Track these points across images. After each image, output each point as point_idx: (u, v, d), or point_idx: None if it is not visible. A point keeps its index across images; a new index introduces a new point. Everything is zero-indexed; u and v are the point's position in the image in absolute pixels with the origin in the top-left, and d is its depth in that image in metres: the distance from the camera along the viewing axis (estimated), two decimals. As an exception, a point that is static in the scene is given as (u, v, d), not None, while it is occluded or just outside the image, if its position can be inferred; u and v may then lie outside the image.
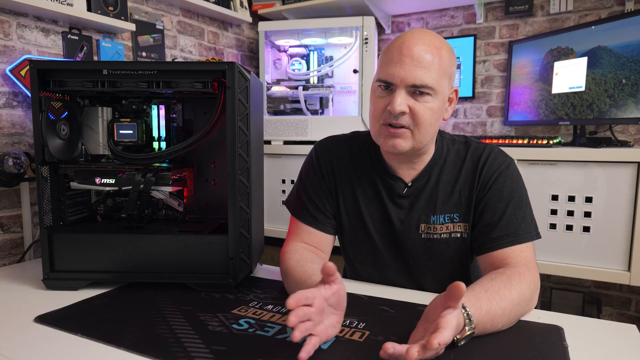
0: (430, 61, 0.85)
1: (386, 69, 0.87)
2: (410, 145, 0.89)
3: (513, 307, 0.77)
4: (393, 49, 0.87)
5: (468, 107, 2.31)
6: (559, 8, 2.04)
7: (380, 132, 0.91)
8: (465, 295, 0.72)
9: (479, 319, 0.72)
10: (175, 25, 2.05)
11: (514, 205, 0.92)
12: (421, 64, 0.84)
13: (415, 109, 0.86)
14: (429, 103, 0.87)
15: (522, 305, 0.80)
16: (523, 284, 0.81)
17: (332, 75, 2.29)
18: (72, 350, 0.73)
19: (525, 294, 0.80)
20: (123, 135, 1.10)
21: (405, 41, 0.86)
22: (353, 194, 1.02)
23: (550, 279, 2.12)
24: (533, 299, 0.84)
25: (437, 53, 0.86)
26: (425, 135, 0.89)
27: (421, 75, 0.84)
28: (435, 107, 0.88)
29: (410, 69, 0.84)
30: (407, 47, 0.85)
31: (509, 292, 0.78)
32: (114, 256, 1.01)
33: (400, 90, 0.85)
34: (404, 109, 0.85)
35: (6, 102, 1.40)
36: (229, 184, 0.98)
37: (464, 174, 0.96)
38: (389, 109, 0.86)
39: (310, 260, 0.92)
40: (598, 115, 1.73)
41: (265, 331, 0.78)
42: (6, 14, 1.39)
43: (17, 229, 1.43)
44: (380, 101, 0.89)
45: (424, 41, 0.86)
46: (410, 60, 0.84)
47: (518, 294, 0.79)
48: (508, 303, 0.77)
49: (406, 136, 0.88)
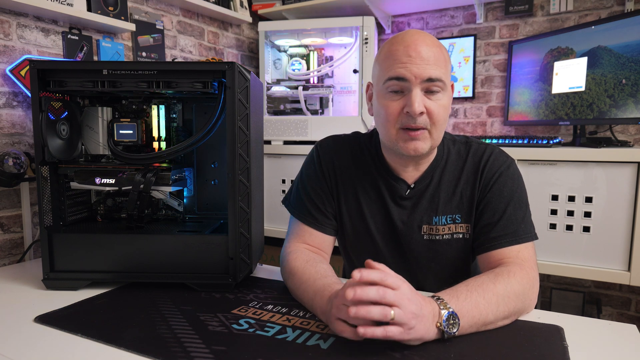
0: (437, 57, 0.86)
1: (395, 69, 0.86)
2: (429, 146, 0.90)
3: (499, 299, 0.77)
4: (398, 52, 0.87)
5: (468, 107, 2.31)
6: (559, 8, 2.04)
7: (399, 136, 0.89)
8: (443, 291, 0.77)
9: (459, 306, 0.73)
10: (175, 25, 2.05)
11: (514, 205, 0.92)
12: (431, 60, 0.86)
13: (430, 108, 0.87)
14: (440, 100, 0.88)
15: (512, 299, 0.79)
16: (511, 279, 0.81)
17: (332, 75, 2.29)
18: (72, 350, 0.73)
19: (514, 289, 0.80)
20: (123, 135, 1.10)
21: (410, 43, 0.87)
22: (355, 195, 1.02)
23: (550, 279, 2.12)
24: (527, 295, 0.83)
25: (439, 50, 0.88)
26: (440, 132, 0.91)
27: (435, 70, 0.86)
28: (446, 103, 0.89)
29: (423, 66, 0.85)
30: (415, 48, 0.86)
31: (493, 285, 0.79)
32: (114, 256, 1.01)
33: (417, 90, 0.86)
34: (423, 109, 0.86)
35: (6, 102, 1.40)
36: (228, 184, 0.98)
37: (466, 175, 0.96)
38: (407, 110, 0.86)
39: (320, 261, 0.93)
40: (598, 115, 1.73)
41: (265, 331, 0.78)
42: (6, 14, 1.39)
43: (17, 229, 1.43)
44: (394, 105, 0.88)
45: (426, 41, 0.87)
46: (420, 59, 0.85)
47: (504, 287, 0.79)
48: (492, 295, 0.77)
49: (425, 137, 0.89)
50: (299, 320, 0.83)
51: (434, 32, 2.36)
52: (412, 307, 0.67)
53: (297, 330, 0.78)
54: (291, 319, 0.84)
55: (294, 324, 0.81)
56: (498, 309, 0.77)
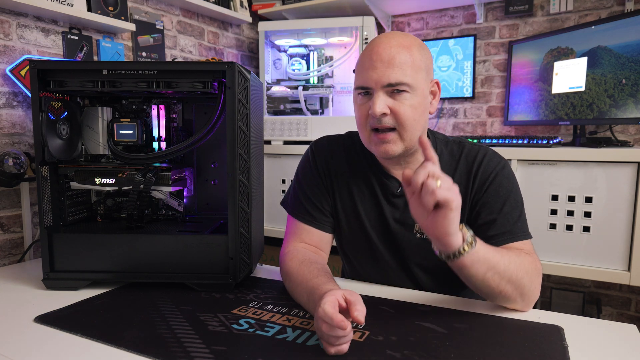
0: (402, 60, 0.87)
1: (361, 76, 0.91)
2: (401, 148, 0.92)
3: (511, 259, 0.82)
4: (365, 57, 0.91)
5: (468, 107, 2.31)
6: (559, 8, 2.04)
7: (371, 139, 0.93)
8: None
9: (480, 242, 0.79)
10: (175, 25, 2.05)
11: (510, 204, 0.93)
12: (393, 64, 0.87)
13: (395, 109, 0.88)
14: (408, 100, 0.89)
15: (520, 269, 0.82)
16: (522, 256, 0.85)
17: (332, 75, 2.29)
18: (72, 350, 0.73)
19: (524, 264, 0.84)
20: (123, 135, 1.10)
21: (374, 47, 0.90)
22: (350, 193, 1.02)
23: (550, 279, 2.12)
24: (533, 276, 0.85)
25: (406, 51, 0.88)
26: (412, 132, 0.91)
27: (394, 74, 0.87)
28: (416, 102, 0.90)
29: (382, 71, 0.87)
30: (377, 53, 0.89)
31: (507, 251, 0.85)
32: (114, 256, 1.01)
33: (378, 93, 0.88)
34: (384, 110, 0.88)
35: (6, 102, 1.40)
36: (229, 184, 0.98)
37: (459, 174, 0.97)
38: (369, 112, 0.89)
39: (315, 261, 0.93)
40: (598, 115, 1.73)
41: (265, 331, 0.78)
42: (6, 14, 1.39)
43: (17, 229, 1.43)
44: (362, 108, 0.93)
45: (391, 43, 0.89)
46: (381, 63, 0.87)
47: (516, 256, 0.84)
48: (506, 254, 0.83)
49: (395, 140, 0.91)
50: (299, 320, 0.83)
51: (434, 32, 2.37)
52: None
53: (297, 330, 0.78)
54: (291, 319, 0.84)
55: (294, 324, 0.81)
56: (509, 266, 0.81)
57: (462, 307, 0.90)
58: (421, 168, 0.72)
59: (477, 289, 0.85)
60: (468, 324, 0.82)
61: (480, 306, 0.90)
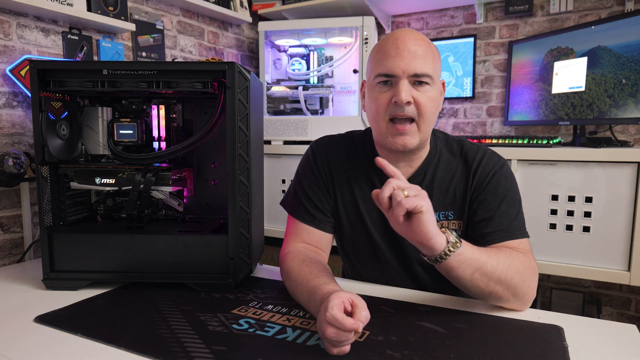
0: (425, 52, 0.90)
1: (384, 64, 0.90)
2: (417, 140, 0.92)
3: (499, 259, 0.82)
4: (389, 46, 0.91)
5: (468, 107, 2.31)
6: (559, 8, 2.04)
7: (388, 130, 0.93)
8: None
9: (465, 243, 0.80)
10: (175, 25, 2.05)
11: (508, 202, 0.93)
12: (418, 55, 0.89)
13: (418, 99, 0.89)
14: (428, 92, 0.90)
15: (511, 269, 0.82)
16: (513, 256, 0.85)
17: (332, 75, 2.29)
18: (72, 350, 0.73)
19: (515, 264, 0.84)
20: (123, 135, 1.10)
21: (399, 37, 0.91)
22: (351, 192, 1.02)
23: (550, 279, 2.12)
24: (526, 276, 0.84)
25: (428, 46, 0.91)
26: (429, 125, 0.93)
27: (420, 65, 0.88)
28: (434, 96, 0.92)
29: (410, 60, 0.88)
30: (403, 42, 0.89)
31: (496, 251, 0.85)
32: (114, 256, 1.01)
33: (404, 81, 0.89)
34: (410, 98, 0.88)
35: (6, 102, 1.40)
36: (229, 184, 0.98)
37: (459, 172, 0.98)
38: (394, 100, 0.89)
39: (315, 261, 0.93)
40: (598, 115, 1.73)
41: (265, 331, 0.78)
42: (6, 14, 1.39)
43: (17, 229, 1.43)
44: (383, 96, 0.91)
45: (415, 37, 0.91)
46: (408, 53, 0.88)
47: (505, 257, 0.84)
48: (494, 254, 0.83)
49: (413, 132, 0.91)
50: (299, 320, 0.83)
51: (434, 32, 2.37)
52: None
53: (297, 330, 0.78)
54: (291, 319, 0.84)
55: (294, 324, 0.81)
56: (497, 266, 0.81)
57: (462, 307, 0.90)
58: (385, 185, 0.75)
59: (467, 291, 0.86)
60: (468, 324, 0.82)
61: (480, 306, 0.90)
